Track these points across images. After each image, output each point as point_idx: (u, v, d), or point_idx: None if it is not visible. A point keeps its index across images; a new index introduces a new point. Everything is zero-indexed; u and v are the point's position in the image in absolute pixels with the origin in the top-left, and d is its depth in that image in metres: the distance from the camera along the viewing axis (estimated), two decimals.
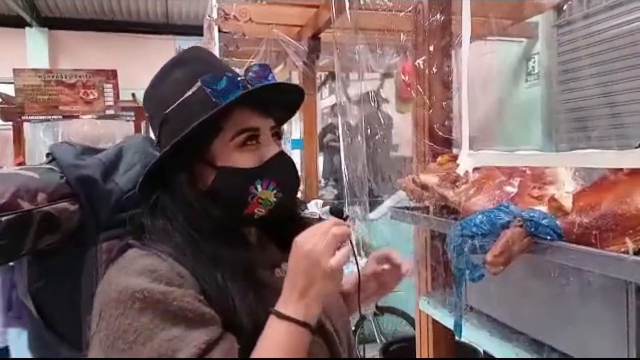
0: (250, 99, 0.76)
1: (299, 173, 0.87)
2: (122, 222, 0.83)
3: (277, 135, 0.83)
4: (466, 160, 1.05)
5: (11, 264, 0.92)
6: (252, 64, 0.79)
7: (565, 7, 3.11)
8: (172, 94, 0.78)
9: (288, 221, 0.86)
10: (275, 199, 0.79)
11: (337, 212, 0.79)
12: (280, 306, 0.70)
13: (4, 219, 0.77)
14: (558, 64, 3.33)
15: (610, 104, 2.75)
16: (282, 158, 0.80)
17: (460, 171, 1.08)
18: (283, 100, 0.84)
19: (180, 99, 0.77)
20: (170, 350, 0.64)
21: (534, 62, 3.53)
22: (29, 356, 0.94)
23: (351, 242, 0.75)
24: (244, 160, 0.77)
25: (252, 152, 0.78)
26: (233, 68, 0.83)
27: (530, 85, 3.57)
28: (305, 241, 0.70)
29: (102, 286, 0.71)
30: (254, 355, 0.68)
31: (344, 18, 2.12)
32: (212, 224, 0.76)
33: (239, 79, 0.76)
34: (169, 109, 0.78)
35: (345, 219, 0.78)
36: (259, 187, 0.77)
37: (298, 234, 0.72)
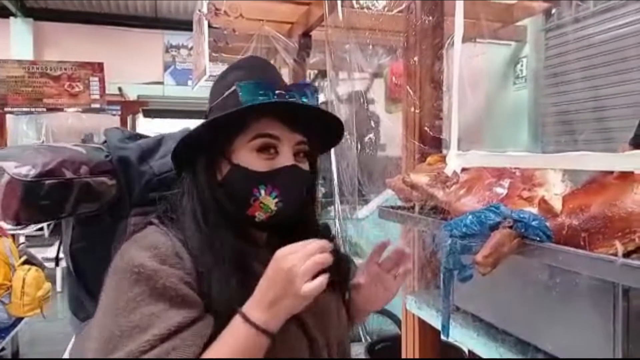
0: (276, 109, 0.81)
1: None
2: (152, 201, 0.91)
3: (304, 153, 0.86)
4: (454, 160, 1.05)
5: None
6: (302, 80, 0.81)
7: (553, 11, 3.14)
8: (219, 92, 0.86)
9: (301, 230, 0.87)
10: (275, 208, 0.82)
11: (325, 231, 0.80)
12: (248, 309, 0.73)
13: (47, 182, 0.88)
14: (546, 67, 3.37)
15: (597, 108, 2.79)
16: (293, 171, 0.83)
17: (448, 171, 1.08)
18: (323, 124, 0.88)
19: (221, 97, 0.85)
20: (146, 324, 0.70)
21: (522, 65, 3.57)
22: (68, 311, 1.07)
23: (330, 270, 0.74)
24: (256, 163, 0.82)
25: (266, 158, 0.82)
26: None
27: (518, 88, 3.60)
28: (285, 258, 0.72)
29: (116, 256, 0.79)
30: (212, 347, 0.72)
31: (336, 16, 2.11)
32: (218, 212, 0.82)
33: (278, 90, 0.81)
34: (213, 104, 0.87)
35: (332, 240, 0.81)
36: (262, 191, 0.81)
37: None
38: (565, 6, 2.98)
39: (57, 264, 1.15)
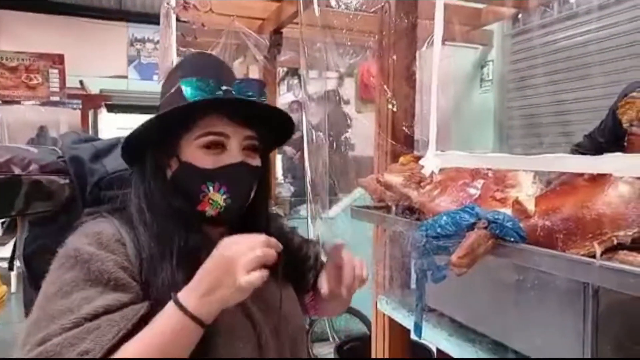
0: (222, 106, 0.82)
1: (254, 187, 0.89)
2: (106, 200, 0.92)
3: (253, 148, 0.86)
4: (432, 161, 1.06)
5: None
6: (246, 74, 0.80)
7: (519, 16, 3.22)
8: (166, 89, 0.87)
9: (252, 222, 0.89)
10: (224, 204, 0.84)
11: (274, 222, 0.81)
12: (182, 295, 0.72)
13: None
14: (511, 71, 3.45)
15: (560, 112, 2.88)
16: (240, 168, 0.84)
17: (426, 171, 1.08)
18: (272, 119, 0.89)
19: (167, 94, 0.85)
20: (76, 307, 0.71)
21: (488, 68, 3.65)
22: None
23: (271, 267, 0.73)
24: (204, 160, 0.82)
25: (214, 155, 0.82)
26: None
27: (484, 91, 3.68)
28: (228, 247, 0.72)
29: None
30: (143, 332, 0.71)
31: (310, 14, 2.09)
32: (166, 207, 0.83)
33: (223, 87, 0.82)
34: (160, 102, 0.87)
35: (282, 231, 0.85)
36: (210, 188, 0.82)
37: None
38: (531, 12, 3.06)
39: (10, 269, 1.12)
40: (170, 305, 0.72)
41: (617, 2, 2.58)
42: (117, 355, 0.69)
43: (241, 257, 0.70)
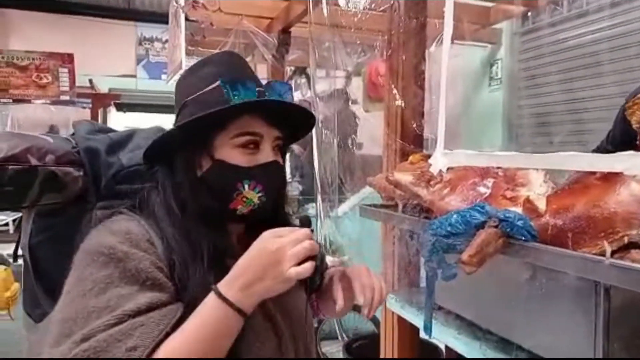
0: (261, 107, 0.83)
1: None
2: (120, 194, 0.91)
3: (279, 147, 0.89)
4: (441, 159, 1.06)
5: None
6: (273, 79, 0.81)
7: (529, 14, 3.20)
8: (195, 86, 0.85)
9: (274, 223, 0.88)
10: (258, 202, 0.84)
11: (306, 223, 0.83)
12: (224, 286, 0.73)
13: (11, 168, 0.86)
14: (521, 69, 3.43)
15: (572, 111, 2.86)
16: (275, 167, 0.86)
17: (434, 170, 1.08)
18: (294, 118, 0.90)
19: (200, 92, 0.84)
20: (115, 304, 0.71)
21: (497, 67, 3.63)
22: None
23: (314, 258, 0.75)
24: (239, 158, 0.83)
25: (249, 154, 0.84)
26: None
27: (493, 90, 3.66)
28: (273, 240, 0.73)
29: (85, 240, 0.79)
30: (185, 325, 0.72)
31: (319, 12, 2.10)
32: (199, 206, 0.82)
33: (257, 88, 0.83)
34: (189, 98, 0.85)
35: (312, 232, 0.83)
36: (246, 186, 0.83)
37: None
38: (541, 10, 3.04)
39: (15, 259, 1.09)
40: (212, 298, 0.73)
41: (627, 1, 2.56)
42: (162, 348, 0.69)
43: (288, 248, 0.72)
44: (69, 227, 0.91)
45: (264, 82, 0.89)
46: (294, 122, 0.91)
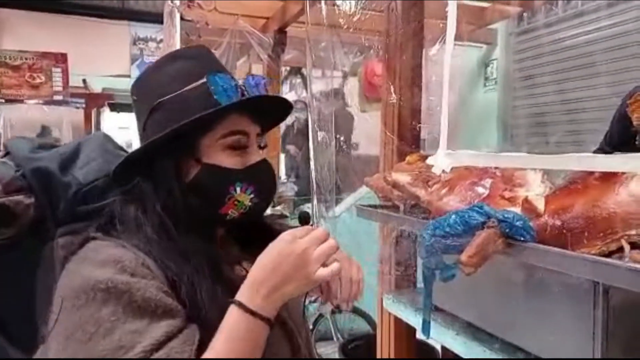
0: (249, 105, 0.79)
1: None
2: (80, 216, 0.81)
3: (260, 143, 0.85)
4: (444, 160, 1.05)
5: None
6: (249, 73, 0.80)
7: (524, 15, 3.21)
8: (169, 84, 0.78)
9: (255, 223, 0.88)
10: (250, 204, 0.80)
11: (305, 218, 0.80)
12: (245, 298, 0.69)
13: None
14: (516, 70, 3.45)
15: (567, 111, 2.87)
16: (265, 166, 0.83)
17: (437, 170, 1.08)
18: (272, 111, 0.87)
19: (180, 90, 0.77)
20: (130, 343, 0.63)
21: (492, 67, 3.64)
22: None
23: None
24: (229, 160, 0.78)
25: (238, 155, 0.79)
26: None
27: (488, 90, 3.67)
28: (294, 242, 0.70)
29: (63, 278, 0.70)
30: (213, 344, 0.67)
31: (316, 12, 2.09)
32: (188, 216, 0.77)
33: (235, 83, 0.79)
34: (165, 98, 0.77)
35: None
36: (238, 189, 0.79)
37: (263, 235, 0.76)
38: (536, 10, 3.06)
39: None
40: (234, 311, 0.68)
41: (623, 1, 2.57)
42: None
43: (312, 249, 0.69)
44: (25, 263, 0.81)
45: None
46: (272, 115, 0.88)
